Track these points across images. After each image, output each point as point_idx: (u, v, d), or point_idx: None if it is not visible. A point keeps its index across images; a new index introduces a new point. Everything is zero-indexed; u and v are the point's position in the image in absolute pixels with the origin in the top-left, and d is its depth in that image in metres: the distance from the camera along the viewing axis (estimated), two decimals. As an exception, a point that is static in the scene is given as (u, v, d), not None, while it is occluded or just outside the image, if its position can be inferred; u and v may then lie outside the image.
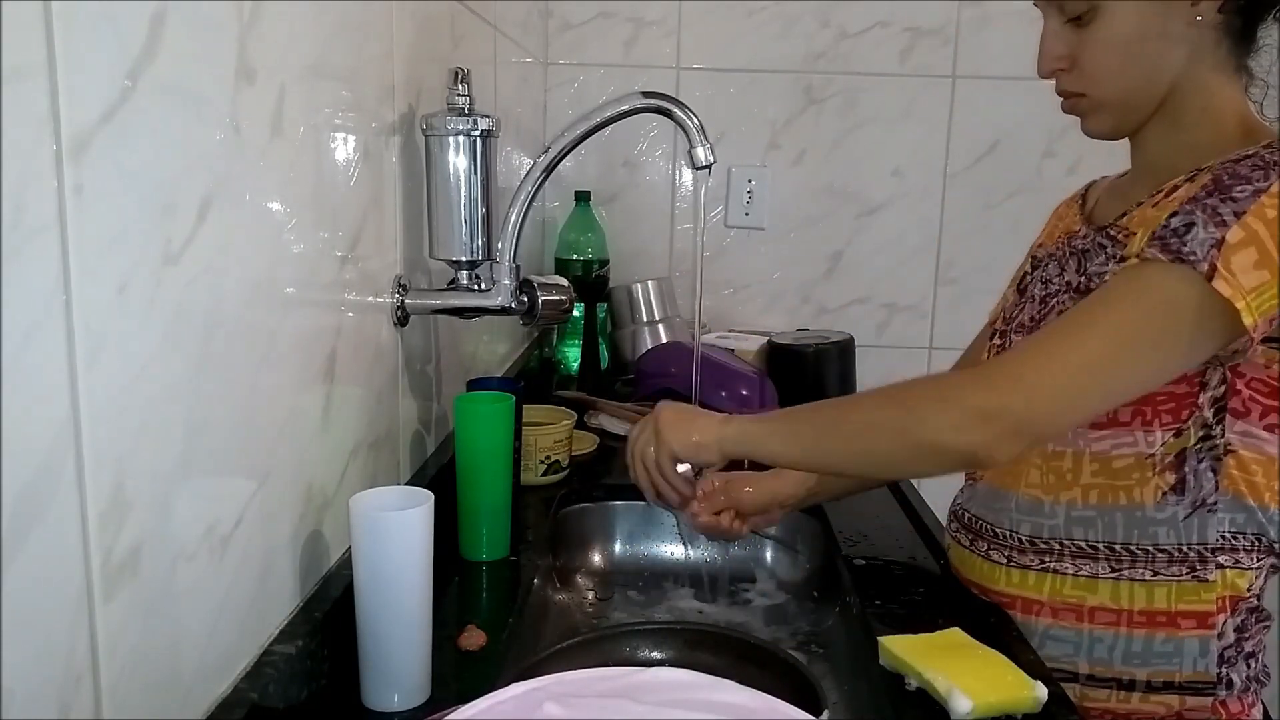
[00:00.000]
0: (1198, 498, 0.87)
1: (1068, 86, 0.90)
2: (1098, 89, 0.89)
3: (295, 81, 0.72)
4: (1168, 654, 0.88)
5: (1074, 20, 0.87)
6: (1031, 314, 0.98)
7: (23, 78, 0.43)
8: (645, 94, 0.99)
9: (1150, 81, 0.87)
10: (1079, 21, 0.86)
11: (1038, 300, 0.99)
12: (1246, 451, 0.86)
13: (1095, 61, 0.87)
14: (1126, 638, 0.89)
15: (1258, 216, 0.76)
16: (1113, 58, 0.87)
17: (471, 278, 1.03)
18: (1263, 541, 0.89)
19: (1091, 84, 0.88)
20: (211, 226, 0.60)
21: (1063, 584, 0.91)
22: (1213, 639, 0.88)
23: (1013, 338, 0.99)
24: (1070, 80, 0.89)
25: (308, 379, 0.77)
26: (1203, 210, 0.78)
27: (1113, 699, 0.90)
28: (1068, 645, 0.91)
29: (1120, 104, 0.89)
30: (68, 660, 0.49)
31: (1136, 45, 0.86)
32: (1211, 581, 0.87)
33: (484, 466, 1.01)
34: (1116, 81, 0.88)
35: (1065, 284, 0.95)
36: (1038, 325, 0.96)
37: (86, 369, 0.48)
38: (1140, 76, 0.87)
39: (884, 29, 1.96)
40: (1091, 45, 0.87)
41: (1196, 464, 0.86)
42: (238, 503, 0.66)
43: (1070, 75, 0.89)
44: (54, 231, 0.46)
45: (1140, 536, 0.88)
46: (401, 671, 0.75)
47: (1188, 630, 0.88)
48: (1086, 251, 0.94)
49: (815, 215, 2.03)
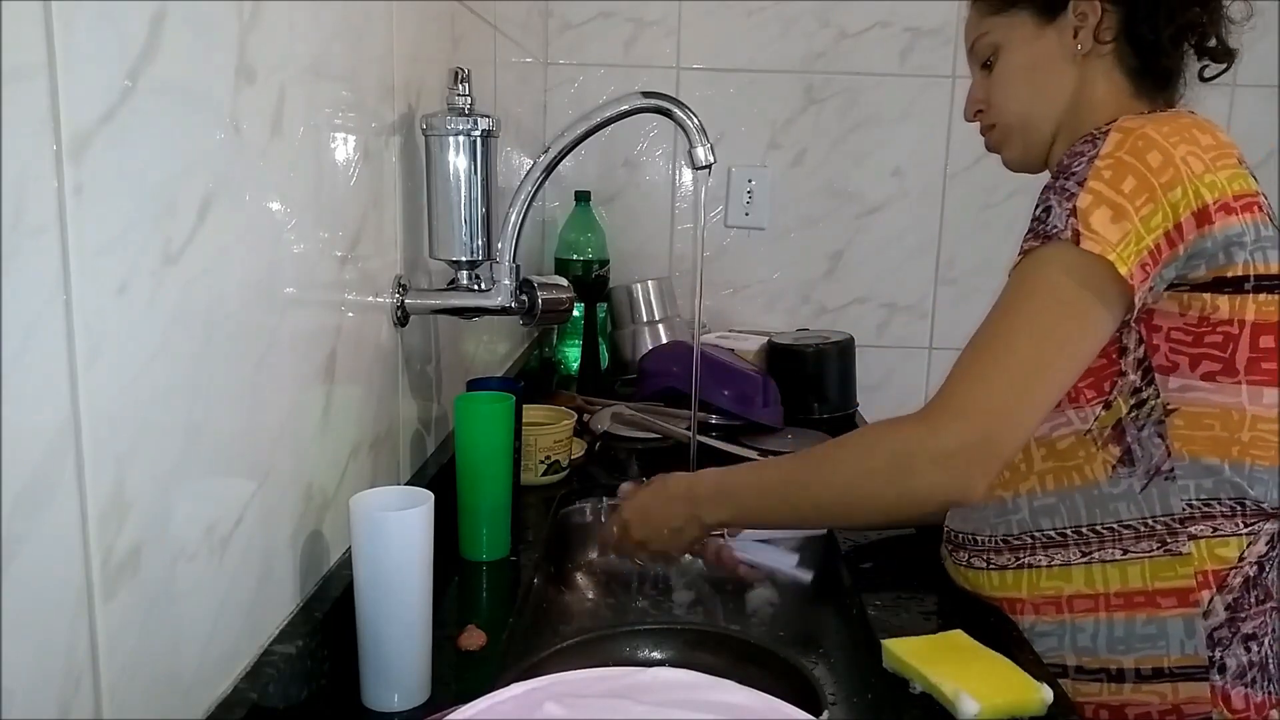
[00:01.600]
0: (1150, 466, 0.88)
1: (984, 122, 1.03)
2: (1000, 116, 1.00)
3: (295, 81, 0.72)
4: (1151, 636, 0.88)
5: (985, 67, 1.00)
6: None
7: (23, 78, 0.43)
8: (645, 94, 0.99)
9: (1044, 105, 0.97)
10: (986, 67, 1.00)
11: None
12: (1191, 408, 0.86)
13: (999, 95, 1.00)
14: (1108, 622, 0.89)
15: (1096, 178, 0.83)
16: (1009, 87, 0.99)
17: (471, 278, 1.03)
18: (1246, 505, 0.87)
19: (997, 113, 1.00)
20: (211, 226, 0.60)
21: (1039, 577, 0.92)
22: (1197, 618, 0.87)
23: None
24: (985, 117, 1.02)
25: (308, 379, 0.77)
26: (1054, 193, 0.85)
27: (1104, 692, 0.90)
28: (1052, 639, 0.91)
29: (1019, 128, 0.99)
30: (68, 660, 0.49)
31: (1026, 74, 0.97)
32: (1186, 555, 0.87)
33: (484, 466, 1.01)
34: (1013, 106, 0.99)
35: None
36: None
37: (86, 369, 0.48)
38: (1034, 100, 0.98)
39: (884, 29, 1.96)
40: (995, 83, 1.00)
41: (1138, 431, 0.88)
42: (238, 503, 0.66)
43: (985, 114, 1.02)
44: (54, 231, 0.46)
45: (1103, 515, 0.89)
46: (401, 671, 0.75)
47: (1169, 610, 0.87)
48: None
49: (815, 215, 2.03)
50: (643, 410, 1.47)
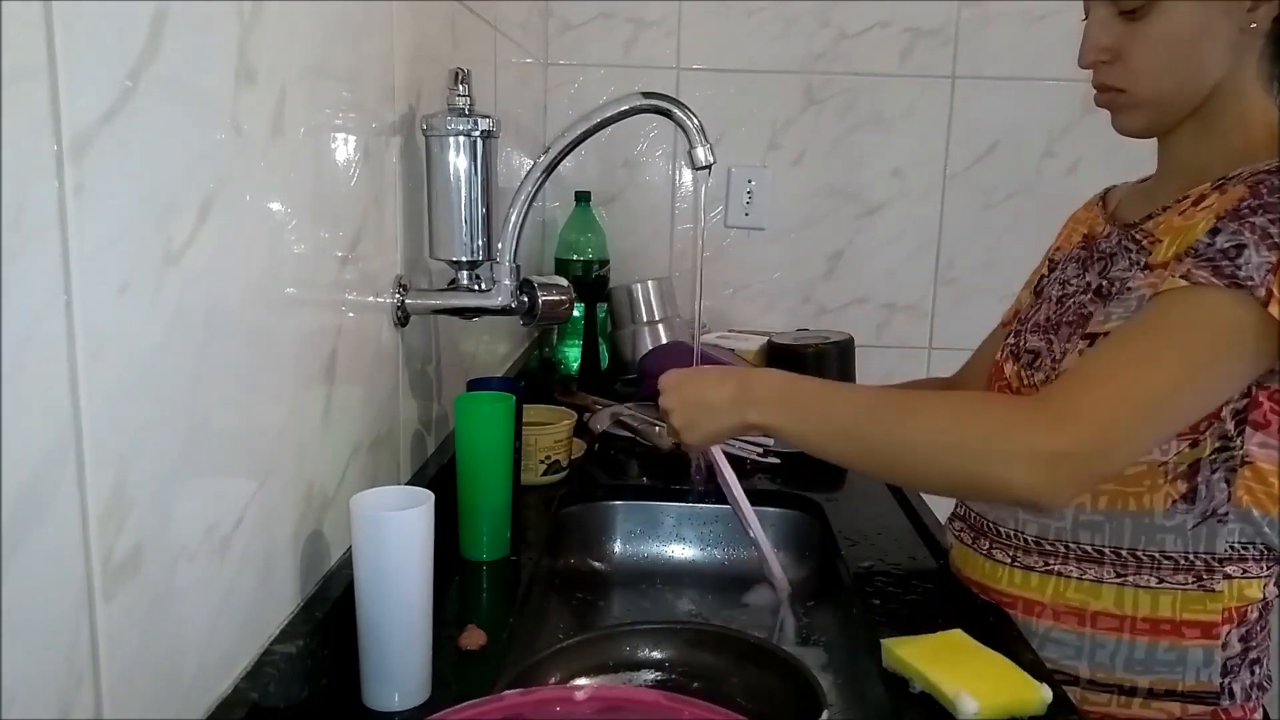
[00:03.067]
0: (1208, 508, 0.86)
1: (1107, 80, 0.88)
2: (1140, 86, 0.87)
3: (296, 82, 0.72)
4: (1170, 663, 0.88)
5: (1126, 13, 0.85)
6: (1048, 314, 0.98)
7: (23, 78, 0.43)
8: (645, 94, 0.99)
9: (1193, 83, 0.86)
10: (1132, 15, 0.84)
11: (1054, 300, 0.98)
12: (1264, 463, 0.85)
13: (1143, 58, 0.85)
14: (1129, 644, 0.89)
15: None
16: (1161, 56, 0.85)
17: (472, 278, 1.04)
18: (1271, 551, 0.88)
19: (1134, 80, 0.86)
20: (212, 227, 0.60)
21: (1066, 587, 0.90)
22: (1217, 649, 0.88)
23: (1028, 337, 0.98)
24: (1111, 74, 0.87)
25: (308, 379, 0.77)
26: (1250, 229, 0.76)
27: (1113, 703, 0.90)
28: (1069, 648, 0.90)
29: (1159, 103, 0.87)
30: (68, 660, 0.49)
31: (1187, 45, 0.84)
32: (1218, 592, 0.87)
33: (484, 466, 1.01)
34: (1161, 80, 0.86)
35: (1085, 285, 0.95)
36: (1054, 326, 0.95)
37: (87, 369, 0.48)
38: (1185, 77, 0.86)
39: (884, 29, 1.96)
40: (1142, 40, 0.85)
41: (1210, 474, 0.85)
42: (238, 502, 0.66)
43: (1112, 68, 0.87)
44: (54, 231, 0.46)
45: (1147, 543, 0.88)
46: (401, 671, 0.75)
47: (1192, 640, 0.87)
48: (1114, 254, 0.93)
49: (815, 215, 2.03)
50: (642, 411, 1.47)
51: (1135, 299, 0.86)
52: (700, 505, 1.23)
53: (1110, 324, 0.87)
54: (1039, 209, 1.13)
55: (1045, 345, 0.95)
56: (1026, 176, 1.99)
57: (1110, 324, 0.87)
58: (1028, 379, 0.95)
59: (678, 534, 1.25)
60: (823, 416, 0.86)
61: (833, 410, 0.86)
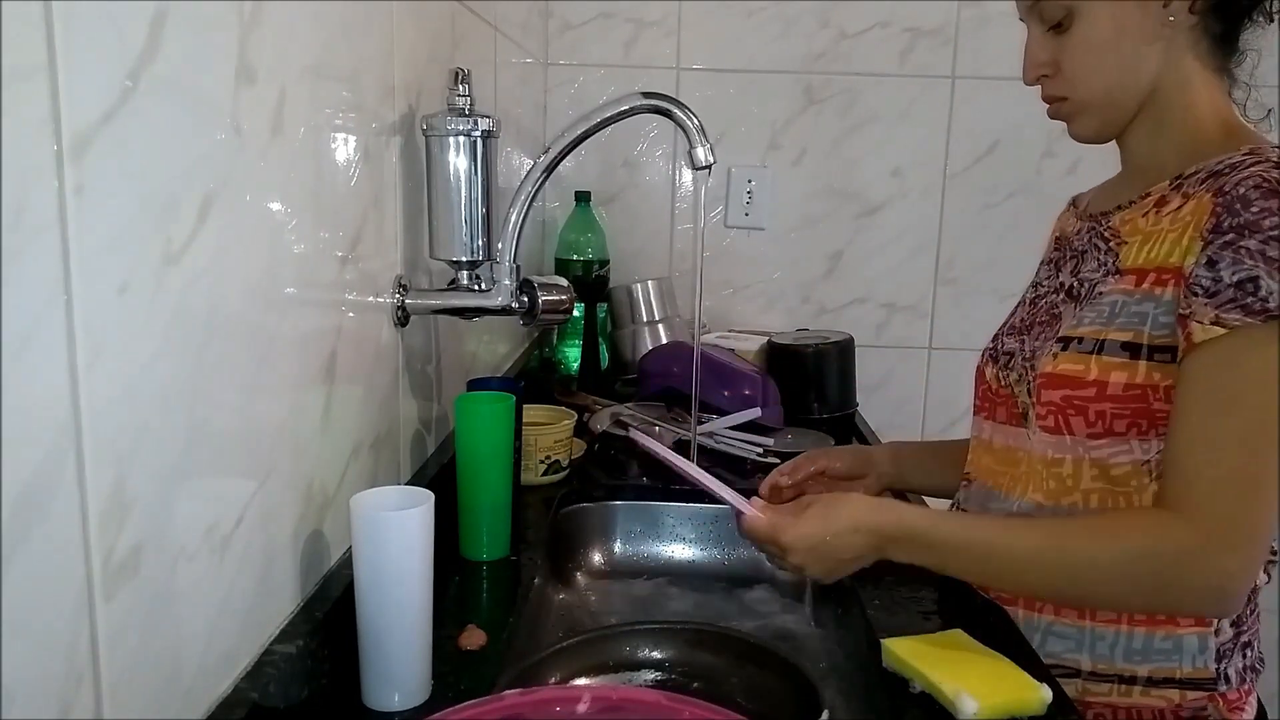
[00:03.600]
0: None
1: (1052, 91, 0.93)
2: (1079, 91, 0.91)
3: (296, 82, 0.72)
4: (1167, 650, 0.89)
5: (1054, 27, 0.90)
6: (1022, 316, 1.01)
7: (23, 78, 0.43)
8: (645, 94, 0.99)
9: (1129, 81, 0.90)
10: (1059, 28, 0.89)
11: (1028, 303, 1.01)
12: None
13: (1075, 64, 0.90)
14: (1128, 635, 0.90)
15: None
16: (1091, 59, 0.89)
17: (472, 278, 1.04)
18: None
19: (1073, 86, 0.91)
20: (212, 227, 0.60)
21: None
22: (1210, 635, 0.89)
23: (1005, 340, 1.01)
24: (1054, 85, 0.92)
25: (308, 379, 0.77)
26: (1249, 256, 0.78)
27: (1114, 693, 0.91)
28: (1070, 641, 0.91)
29: (1102, 104, 0.91)
30: (68, 660, 0.49)
31: (1113, 45, 0.88)
32: None
33: (484, 466, 1.01)
34: (1096, 81, 0.90)
35: (1059, 284, 0.97)
36: (1028, 326, 0.98)
37: (87, 369, 0.48)
38: (1119, 76, 0.89)
39: (884, 29, 1.96)
40: (1071, 49, 0.89)
41: None
42: (238, 502, 0.66)
43: (1054, 80, 0.92)
44: (54, 231, 0.46)
45: None
46: (401, 671, 0.75)
47: (1186, 628, 0.89)
48: (1085, 252, 0.96)
49: (815, 215, 2.03)
50: (642, 411, 1.47)
51: (1108, 305, 0.88)
52: (700, 505, 1.23)
53: (1084, 329, 0.89)
54: (1039, 209, 1.13)
55: (1018, 346, 0.98)
56: (1026, 176, 1.99)
57: (1084, 329, 0.89)
58: (1003, 379, 0.98)
59: (678, 534, 1.25)
60: (969, 558, 0.87)
61: (984, 560, 0.87)
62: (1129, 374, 0.85)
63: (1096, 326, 0.88)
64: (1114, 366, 0.86)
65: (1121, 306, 0.87)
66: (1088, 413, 0.87)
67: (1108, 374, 0.86)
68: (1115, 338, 0.86)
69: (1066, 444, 0.89)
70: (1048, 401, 0.90)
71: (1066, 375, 0.88)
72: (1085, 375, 0.87)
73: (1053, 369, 0.90)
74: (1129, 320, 0.86)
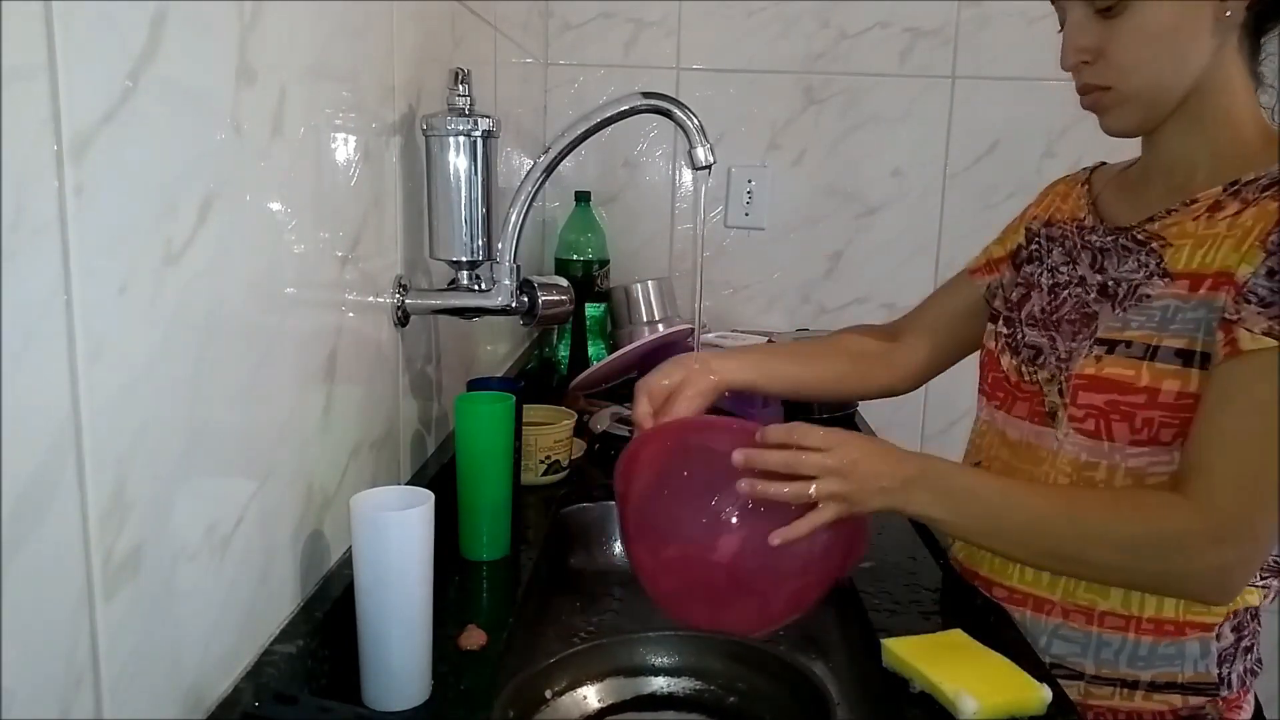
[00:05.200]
0: None
1: (1092, 80, 0.88)
2: (1126, 82, 0.87)
3: (296, 82, 0.72)
4: (1170, 656, 0.89)
5: (1102, 11, 0.85)
6: (1042, 305, 0.98)
7: (23, 78, 0.43)
8: (645, 94, 0.99)
9: (1177, 76, 0.86)
10: (1109, 12, 0.85)
11: (1046, 290, 0.98)
12: None
13: (1125, 53, 0.85)
14: (1134, 642, 0.89)
15: None
16: (1144, 49, 0.85)
17: (472, 278, 1.03)
18: (1275, 562, 0.90)
19: (1120, 76, 0.86)
20: (212, 227, 0.60)
21: (1076, 587, 0.91)
22: (1212, 641, 0.89)
23: (1025, 330, 0.98)
24: (1095, 73, 0.88)
25: (308, 379, 0.77)
26: None
27: (1115, 697, 0.91)
28: (1075, 645, 0.91)
29: (1146, 98, 0.87)
30: (68, 660, 0.49)
31: (1168, 37, 0.85)
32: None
33: (484, 466, 1.01)
34: (1146, 74, 0.86)
35: (1080, 279, 0.95)
36: (1054, 322, 0.95)
37: (87, 369, 0.48)
38: (1168, 70, 0.86)
39: (884, 29, 1.96)
40: (1122, 36, 0.85)
41: None
42: (238, 502, 0.66)
43: (1095, 68, 0.87)
44: (54, 231, 0.46)
45: None
46: (401, 671, 0.75)
47: (1191, 635, 0.89)
48: (1106, 250, 0.93)
49: (815, 215, 2.03)
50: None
51: (1159, 309, 0.86)
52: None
53: (1132, 332, 0.87)
54: (1039, 209, 1.12)
55: (1047, 342, 0.95)
56: (1026, 176, 1.97)
57: (1132, 332, 0.87)
58: (1029, 375, 0.95)
59: (678, 534, 1.24)
60: (984, 513, 0.85)
61: (995, 508, 0.85)
62: (1182, 382, 0.83)
63: (1148, 331, 0.86)
64: (1167, 374, 0.84)
65: (1175, 312, 0.85)
66: (1134, 419, 0.86)
67: (1160, 381, 0.84)
68: (1170, 344, 0.84)
69: (1104, 450, 0.88)
70: (1087, 404, 0.88)
71: (1114, 380, 0.86)
72: (1136, 381, 0.85)
73: (1096, 371, 0.88)
74: (1184, 327, 0.84)
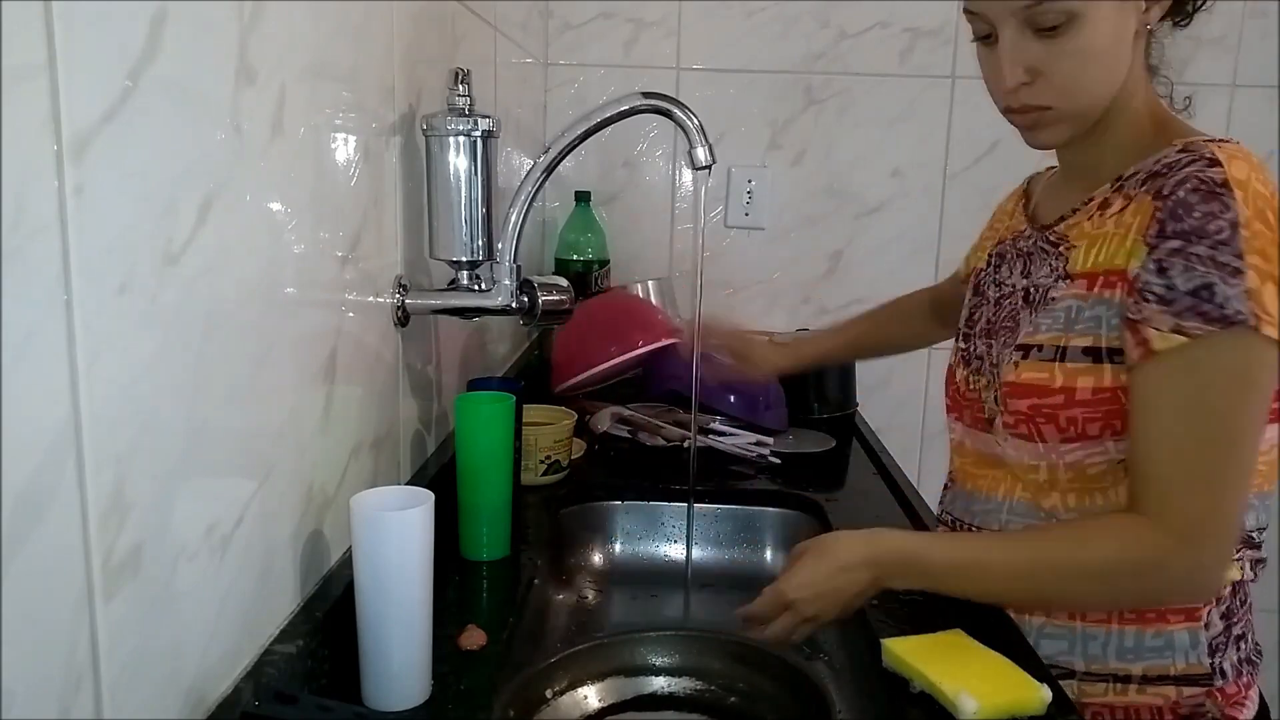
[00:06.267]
0: None
1: (1030, 100, 0.86)
2: (1068, 101, 0.85)
3: (296, 82, 0.72)
4: (1159, 648, 0.89)
5: (1044, 31, 0.83)
6: (988, 316, 1.00)
7: (23, 78, 0.43)
8: (645, 94, 0.99)
9: (1112, 88, 0.87)
10: (1052, 31, 0.82)
11: (993, 302, 1.01)
12: None
13: (1067, 72, 0.84)
14: (1118, 633, 0.90)
15: (1252, 251, 0.77)
16: (1086, 68, 0.84)
17: (472, 278, 1.03)
18: (1244, 533, 0.89)
19: (1060, 96, 0.85)
20: (212, 227, 0.60)
21: None
22: (1200, 630, 0.89)
23: (976, 343, 1.00)
24: (1032, 93, 0.86)
25: (308, 379, 0.77)
26: (1200, 263, 0.78)
27: (1109, 693, 0.90)
28: (1062, 643, 0.91)
29: (1085, 114, 0.87)
30: (68, 660, 0.49)
31: (1111, 51, 0.84)
32: None
33: (484, 466, 1.01)
34: (1088, 92, 0.85)
35: (1013, 287, 0.98)
36: (995, 331, 0.97)
37: (87, 369, 0.48)
38: (1107, 84, 0.86)
39: (884, 29, 1.96)
40: (1064, 57, 0.83)
41: None
42: (238, 502, 0.66)
43: (1033, 88, 0.85)
44: (54, 231, 0.46)
45: None
46: (401, 671, 0.75)
47: (1176, 624, 0.89)
48: (1031, 255, 0.96)
49: (815, 215, 2.03)
50: (644, 411, 1.47)
51: (1063, 310, 0.88)
52: (700, 505, 1.23)
53: (1040, 336, 0.89)
54: (1039, 209, 1.13)
55: (986, 350, 0.98)
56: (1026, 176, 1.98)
57: (1040, 336, 0.89)
58: (973, 384, 0.99)
59: (678, 534, 1.25)
60: (959, 578, 0.87)
61: (968, 569, 0.87)
62: (1095, 378, 0.85)
63: (1055, 333, 0.88)
64: (1079, 372, 0.86)
65: (1077, 312, 0.87)
66: (1058, 419, 0.87)
67: (1074, 380, 0.86)
68: (1076, 344, 0.86)
69: (1039, 450, 0.90)
70: (1015, 410, 0.90)
71: (1032, 384, 0.88)
72: (1051, 383, 0.87)
73: (1016, 378, 0.90)
74: (1087, 325, 0.86)
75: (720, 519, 1.24)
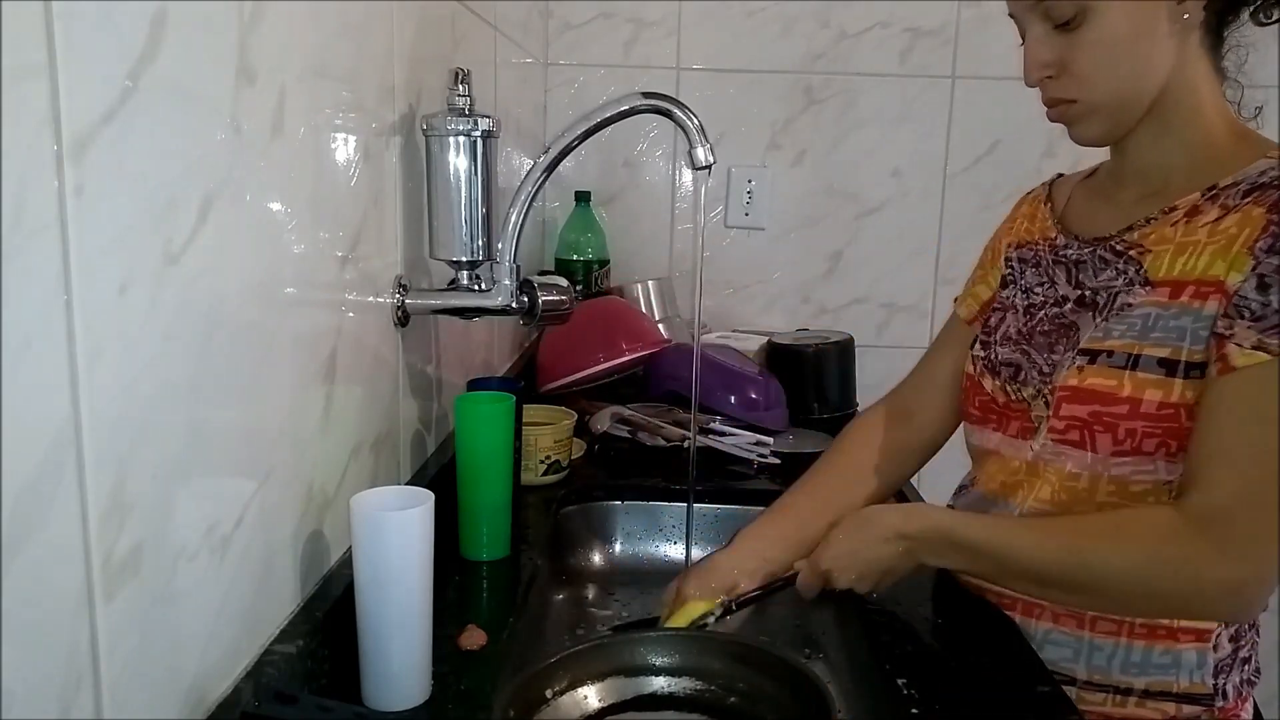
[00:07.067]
0: None
1: (1056, 93, 0.88)
2: (1090, 92, 0.87)
3: (296, 82, 0.72)
4: (1165, 665, 0.88)
5: (1061, 25, 0.85)
6: (1018, 326, 0.98)
7: (23, 78, 0.43)
8: (645, 94, 0.99)
9: (1142, 82, 0.86)
10: (1067, 26, 0.85)
11: (1021, 311, 0.98)
12: None
13: (1086, 64, 0.86)
14: (1126, 647, 0.88)
15: None
16: (1104, 59, 0.85)
17: (472, 278, 1.03)
18: None
19: (1083, 88, 0.87)
20: (212, 227, 0.60)
21: None
22: (1209, 651, 0.88)
23: (999, 350, 0.98)
24: (1059, 86, 0.88)
25: (308, 379, 0.77)
26: None
27: (1109, 703, 0.89)
28: (1067, 650, 0.90)
29: (1113, 107, 0.88)
30: (68, 660, 0.49)
31: (1127, 45, 0.85)
32: None
33: (484, 466, 1.01)
34: (1109, 83, 0.86)
35: (1060, 296, 0.95)
36: (1027, 336, 0.95)
37: (87, 369, 0.48)
38: (1132, 77, 0.86)
39: (884, 29, 1.96)
40: (1082, 48, 0.85)
41: None
42: (238, 502, 0.66)
43: (1059, 81, 0.88)
44: (54, 232, 0.46)
45: None
46: (401, 671, 0.75)
47: (1186, 643, 0.88)
48: (1081, 263, 0.93)
49: (815, 215, 2.03)
50: (643, 412, 1.47)
51: (1139, 318, 0.86)
52: (700, 505, 1.23)
53: (1111, 342, 0.87)
54: (1039, 209, 1.12)
55: (1023, 357, 0.95)
56: (1026, 176, 1.96)
57: (1111, 342, 0.87)
58: (1015, 393, 0.95)
59: (678, 534, 1.25)
60: (996, 560, 0.86)
61: (1004, 553, 0.86)
62: (1164, 392, 0.83)
63: (1129, 340, 0.85)
64: (1149, 384, 0.83)
65: (1156, 320, 0.84)
66: (1117, 430, 0.85)
67: (1142, 391, 0.84)
68: (1152, 353, 0.84)
69: (1087, 460, 0.87)
70: (1069, 415, 0.88)
71: (1096, 390, 0.86)
72: (1118, 391, 0.85)
73: (1079, 383, 0.87)
74: (1166, 335, 0.84)
75: (720, 519, 1.23)
